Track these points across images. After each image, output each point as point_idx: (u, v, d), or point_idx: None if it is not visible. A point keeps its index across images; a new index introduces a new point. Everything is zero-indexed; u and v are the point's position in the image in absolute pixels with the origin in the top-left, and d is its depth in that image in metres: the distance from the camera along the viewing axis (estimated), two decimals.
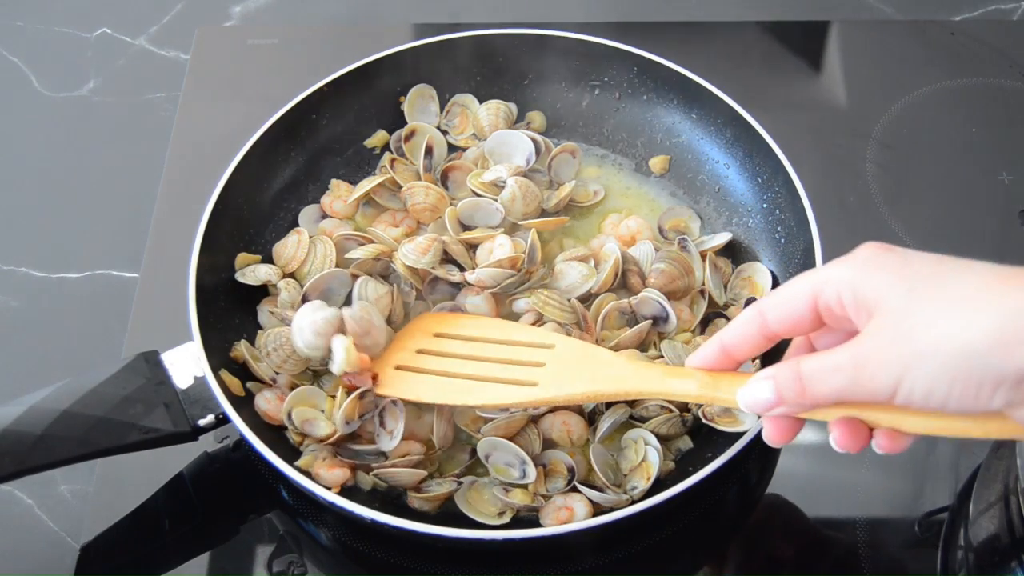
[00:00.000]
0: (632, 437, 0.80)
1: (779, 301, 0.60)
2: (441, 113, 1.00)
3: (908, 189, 1.03)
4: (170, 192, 1.02)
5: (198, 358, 0.78)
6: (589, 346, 0.74)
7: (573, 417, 0.81)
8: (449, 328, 0.79)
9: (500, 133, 0.96)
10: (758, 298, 0.86)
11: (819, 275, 0.58)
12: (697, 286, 0.88)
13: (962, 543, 0.78)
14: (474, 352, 0.77)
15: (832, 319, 0.58)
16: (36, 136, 1.10)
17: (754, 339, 0.62)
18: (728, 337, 0.63)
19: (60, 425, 0.72)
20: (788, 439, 0.62)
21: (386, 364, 0.78)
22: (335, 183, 0.96)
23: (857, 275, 0.56)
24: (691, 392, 0.65)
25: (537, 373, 0.73)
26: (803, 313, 0.58)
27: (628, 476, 0.79)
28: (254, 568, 0.80)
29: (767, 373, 0.59)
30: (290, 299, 0.86)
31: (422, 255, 0.85)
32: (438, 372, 0.76)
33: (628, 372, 0.69)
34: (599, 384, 0.70)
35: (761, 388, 0.59)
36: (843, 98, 1.10)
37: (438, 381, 0.76)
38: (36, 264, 0.99)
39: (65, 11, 1.20)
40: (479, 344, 0.77)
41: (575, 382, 0.71)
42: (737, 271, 0.90)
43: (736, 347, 0.63)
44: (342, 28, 1.19)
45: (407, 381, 0.76)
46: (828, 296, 0.57)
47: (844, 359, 0.55)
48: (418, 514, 0.78)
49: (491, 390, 0.73)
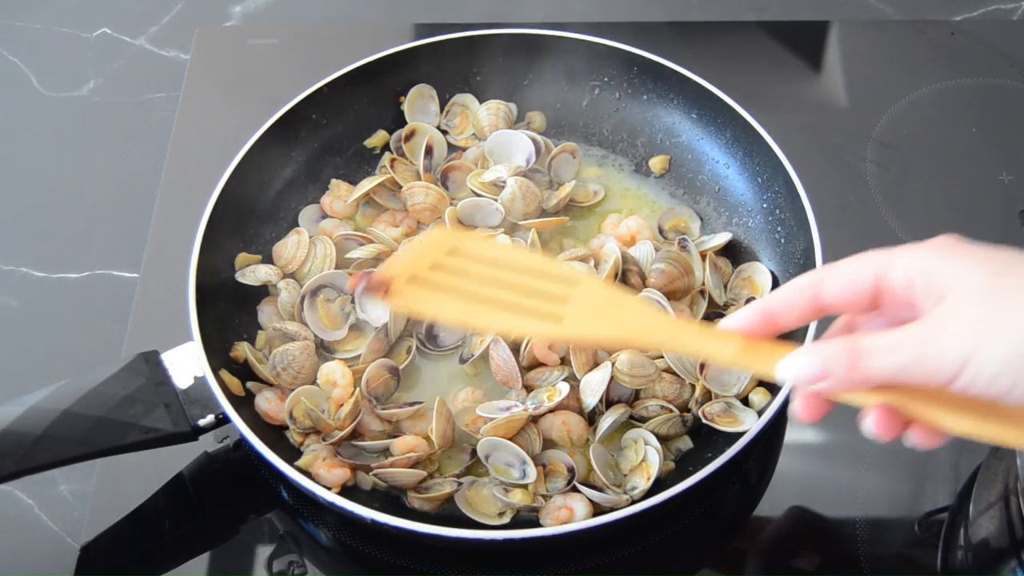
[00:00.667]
0: (632, 437, 0.81)
1: (840, 274, 0.57)
2: (441, 113, 1.00)
3: (908, 189, 1.03)
4: (170, 192, 1.02)
5: (198, 358, 0.78)
6: (619, 291, 0.67)
7: (573, 417, 0.81)
8: (468, 246, 0.70)
9: (500, 133, 0.96)
10: (758, 298, 0.86)
11: (888, 255, 0.56)
12: (697, 286, 0.88)
13: (962, 543, 0.78)
14: (494, 276, 0.68)
15: (891, 302, 0.56)
16: (36, 136, 1.10)
17: (802, 308, 0.59)
18: (774, 303, 0.59)
19: (60, 425, 0.72)
20: (818, 418, 0.60)
21: (400, 274, 0.68)
22: (335, 183, 0.96)
23: (932, 259, 0.54)
24: (726, 355, 0.60)
25: (561, 309, 0.65)
26: (863, 290, 0.56)
27: (628, 476, 0.79)
28: (254, 568, 0.80)
29: (813, 347, 0.56)
30: (290, 299, 0.86)
31: None
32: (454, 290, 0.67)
33: (660, 324, 0.63)
34: (627, 330, 0.63)
35: (806, 360, 0.56)
36: (843, 98, 1.10)
37: (455, 300, 0.67)
38: (36, 264, 0.99)
39: (65, 11, 1.20)
40: (500, 270, 0.68)
41: (602, 323, 0.64)
42: (737, 271, 0.90)
43: (781, 314, 0.59)
44: (342, 28, 1.19)
45: (422, 296, 0.67)
46: (895, 277, 0.55)
47: (909, 335, 0.53)
48: (418, 514, 0.78)
49: (511, 317, 0.66)
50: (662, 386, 0.82)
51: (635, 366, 0.80)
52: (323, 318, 0.86)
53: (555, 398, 0.79)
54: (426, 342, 0.86)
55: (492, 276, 0.67)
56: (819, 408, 0.59)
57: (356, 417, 0.80)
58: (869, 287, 0.56)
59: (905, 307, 0.56)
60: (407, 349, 0.85)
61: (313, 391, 0.81)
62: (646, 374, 0.81)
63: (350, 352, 0.85)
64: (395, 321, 0.84)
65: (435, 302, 0.67)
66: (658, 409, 0.81)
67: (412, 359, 0.86)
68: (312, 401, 0.80)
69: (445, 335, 0.87)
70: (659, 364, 0.83)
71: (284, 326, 0.84)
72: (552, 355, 0.83)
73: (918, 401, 0.56)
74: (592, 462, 0.78)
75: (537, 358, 0.83)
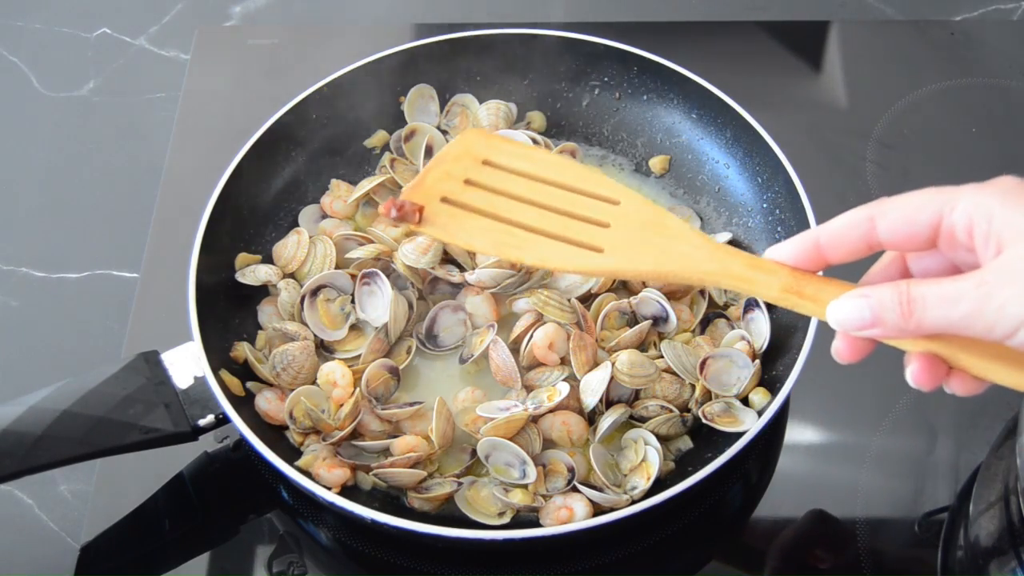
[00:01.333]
0: (632, 437, 0.80)
1: (898, 211, 0.55)
2: (441, 113, 1.00)
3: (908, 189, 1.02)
4: (170, 192, 1.02)
5: (198, 358, 0.78)
6: (660, 210, 0.63)
7: (573, 417, 0.81)
8: (502, 157, 0.66)
9: (500, 133, 0.96)
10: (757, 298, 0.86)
11: (949, 195, 0.54)
12: (697, 286, 0.88)
13: (962, 543, 0.78)
14: (530, 195, 0.64)
15: (948, 244, 0.54)
16: (36, 136, 1.10)
17: (854, 243, 0.56)
18: (826, 234, 0.57)
19: (60, 425, 0.72)
20: (859, 359, 0.58)
21: (431, 194, 0.64)
22: (335, 183, 0.96)
23: (994, 205, 0.52)
24: (772, 290, 0.58)
25: (602, 236, 0.62)
26: (921, 230, 0.54)
27: (628, 476, 0.79)
28: (254, 568, 0.80)
29: (865, 291, 0.54)
30: (290, 299, 0.86)
31: (422, 255, 0.85)
32: (489, 213, 0.63)
33: (704, 253, 0.60)
34: (670, 261, 0.60)
35: (859, 306, 0.54)
36: (843, 98, 1.10)
37: (491, 226, 0.63)
38: (36, 264, 0.99)
39: (65, 11, 1.20)
40: (536, 185, 0.64)
41: (643, 253, 0.61)
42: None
43: (832, 247, 0.57)
44: (342, 28, 1.19)
45: (456, 219, 0.63)
46: (955, 220, 0.53)
47: (966, 289, 0.51)
48: (418, 514, 0.78)
49: (551, 249, 0.62)
50: (662, 386, 0.82)
51: (635, 366, 0.80)
52: (323, 318, 0.86)
53: (555, 398, 0.79)
54: (426, 342, 0.86)
55: (528, 195, 0.64)
56: (861, 350, 0.58)
57: (356, 417, 0.80)
58: (927, 227, 0.54)
59: (965, 251, 0.54)
60: (407, 349, 0.85)
61: (313, 391, 0.81)
62: (646, 374, 0.81)
63: (350, 352, 0.85)
64: (395, 321, 0.84)
65: (469, 228, 0.63)
66: (658, 409, 0.81)
67: (412, 359, 0.86)
68: (312, 401, 0.80)
69: (445, 335, 0.87)
70: (659, 364, 0.83)
71: (284, 326, 0.84)
72: (552, 355, 0.83)
73: (966, 352, 0.54)
74: (592, 462, 0.78)
75: (537, 358, 0.83)
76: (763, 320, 0.84)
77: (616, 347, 0.83)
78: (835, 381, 0.89)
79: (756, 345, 0.83)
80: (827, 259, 0.58)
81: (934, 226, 0.54)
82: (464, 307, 0.86)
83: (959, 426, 0.86)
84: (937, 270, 0.57)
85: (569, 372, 0.82)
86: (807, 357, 0.77)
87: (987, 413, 0.86)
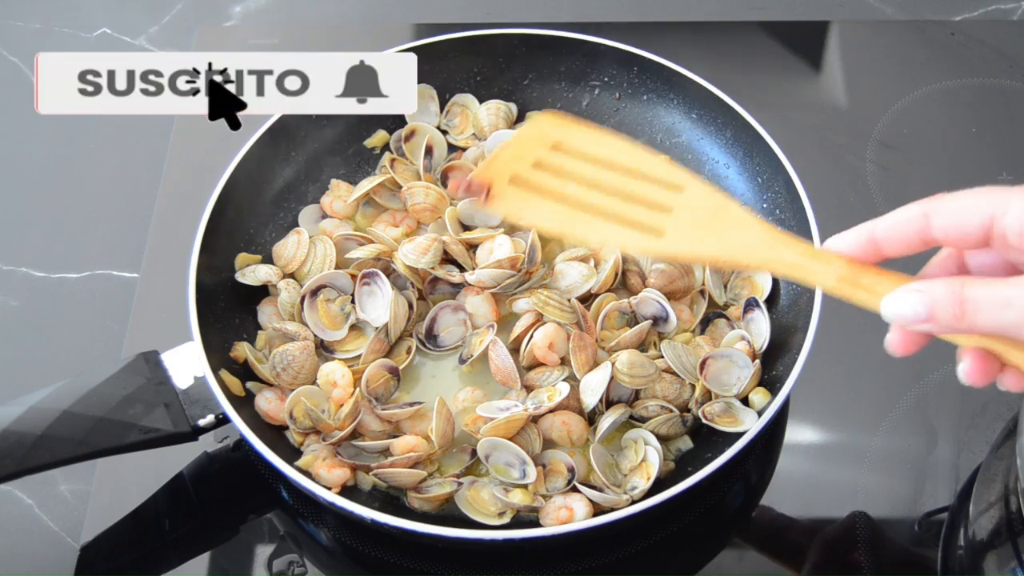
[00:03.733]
0: (632, 437, 0.81)
1: (951, 209, 0.56)
2: (441, 113, 1.00)
3: (908, 189, 1.03)
4: (170, 192, 1.02)
5: (198, 358, 0.78)
6: (723, 198, 0.64)
7: (573, 417, 0.81)
8: (573, 141, 0.68)
9: (500, 133, 0.96)
10: (758, 298, 0.86)
11: (1002, 195, 0.54)
12: (697, 286, 0.88)
13: (962, 543, 0.78)
14: (598, 178, 0.66)
15: (1002, 245, 0.55)
16: (36, 136, 1.10)
17: (909, 239, 0.57)
18: (882, 227, 0.58)
19: (60, 425, 0.72)
20: (912, 352, 0.58)
21: (501, 174, 0.66)
22: (335, 183, 0.96)
23: None
24: (828, 280, 0.59)
25: (664, 220, 0.64)
26: (973, 231, 0.55)
27: (628, 476, 0.79)
28: (254, 568, 0.80)
29: (920, 286, 0.55)
30: (290, 300, 0.86)
31: (422, 255, 0.85)
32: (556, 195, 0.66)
33: (764, 241, 0.61)
34: (730, 249, 0.62)
35: (913, 301, 0.54)
36: (843, 98, 1.10)
37: (556, 207, 0.65)
38: (36, 264, 0.99)
39: (65, 11, 1.20)
40: (603, 169, 0.66)
41: (704, 239, 0.63)
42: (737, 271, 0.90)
43: (888, 242, 0.58)
44: (342, 28, 1.19)
45: (523, 200, 0.66)
46: (1008, 224, 0.53)
47: (1018, 294, 0.52)
48: (418, 514, 0.78)
49: (614, 230, 0.64)
50: (662, 386, 0.82)
51: (635, 366, 0.80)
52: (323, 318, 0.86)
53: (555, 398, 0.79)
54: (426, 342, 0.86)
55: (595, 178, 0.66)
56: (915, 344, 0.58)
57: (356, 417, 0.80)
58: (979, 228, 0.54)
59: (1017, 252, 0.54)
60: (407, 349, 0.85)
61: (313, 391, 0.81)
62: (646, 374, 0.81)
63: (350, 352, 0.85)
64: (395, 321, 0.84)
65: (536, 208, 0.65)
66: (658, 409, 0.81)
67: (412, 359, 0.86)
68: (312, 401, 0.80)
69: (445, 335, 0.87)
70: (659, 364, 0.83)
71: (284, 326, 0.84)
72: (552, 355, 0.83)
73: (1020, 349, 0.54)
74: (592, 462, 0.78)
75: (537, 358, 0.83)
76: (763, 320, 0.84)
77: (616, 347, 0.83)
78: (835, 381, 0.89)
79: (756, 345, 0.83)
80: (883, 252, 0.58)
81: (986, 227, 0.54)
82: (464, 307, 0.86)
83: (959, 426, 0.86)
84: (994, 266, 0.57)
85: (569, 372, 0.82)
86: (807, 357, 0.77)
87: (987, 413, 0.86)
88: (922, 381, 0.89)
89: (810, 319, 0.79)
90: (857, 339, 0.91)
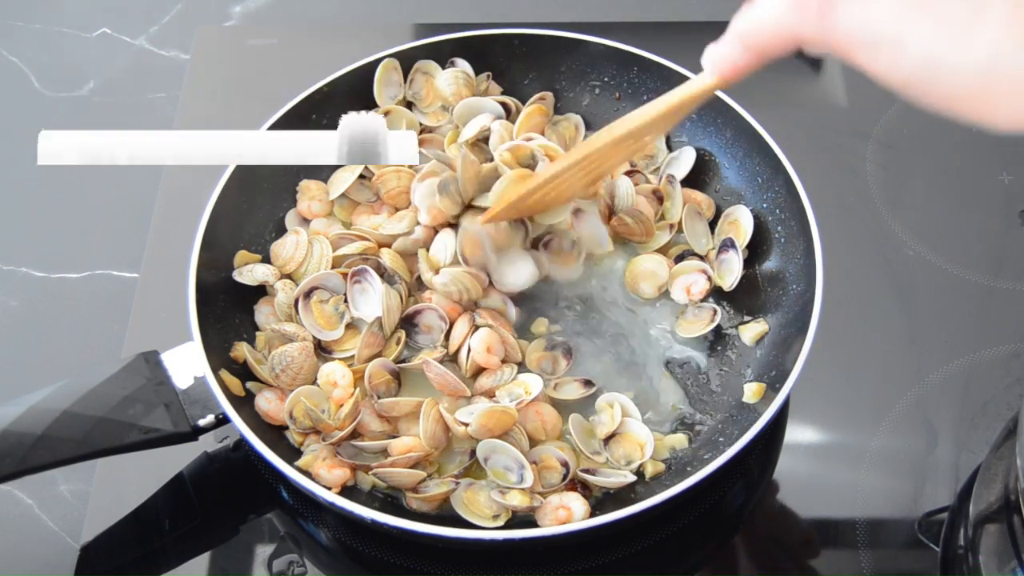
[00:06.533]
0: (607, 400, 0.82)
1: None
2: (405, 83, 0.99)
3: (908, 189, 1.03)
4: (170, 192, 1.02)
5: (198, 358, 0.78)
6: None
7: (545, 407, 0.82)
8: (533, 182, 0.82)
9: (467, 101, 0.95)
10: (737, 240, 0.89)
11: None
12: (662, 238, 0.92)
13: (962, 543, 0.78)
14: None
15: None
16: (36, 136, 1.10)
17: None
18: None
19: (60, 425, 0.72)
20: (730, 77, 0.66)
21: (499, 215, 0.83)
22: (304, 184, 0.94)
23: None
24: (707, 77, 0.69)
25: None
26: None
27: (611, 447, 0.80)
28: (254, 568, 0.80)
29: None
30: (287, 300, 0.86)
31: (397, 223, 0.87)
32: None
33: (656, 106, 0.74)
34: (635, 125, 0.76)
35: None
36: (843, 98, 1.10)
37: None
38: (36, 264, 0.99)
39: (65, 11, 1.20)
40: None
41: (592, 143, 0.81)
42: (724, 214, 0.93)
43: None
44: (342, 28, 1.19)
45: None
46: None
47: None
48: (418, 514, 0.78)
49: None
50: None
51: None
52: (318, 319, 0.85)
53: (532, 391, 0.80)
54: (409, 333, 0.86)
55: None
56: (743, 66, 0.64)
57: (356, 417, 0.80)
58: None
59: None
60: (397, 340, 0.85)
61: (313, 391, 0.81)
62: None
63: (348, 351, 0.85)
64: (388, 314, 0.84)
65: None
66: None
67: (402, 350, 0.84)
68: (312, 401, 0.80)
69: (422, 336, 0.86)
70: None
71: (282, 327, 0.84)
72: (492, 358, 0.83)
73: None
74: (570, 430, 0.79)
75: (480, 364, 0.83)
76: (736, 260, 0.88)
77: None
78: (835, 381, 0.89)
79: (726, 283, 0.88)
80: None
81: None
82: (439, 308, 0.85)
83: (959, 426, 0.86)
84: None
85: (517, 368, 0.83)
86: (807, 357, 0.77)
87: (987, 413, 0.86)
88: (922, 381, 0.89)
89: (810, 319, 0.79)
90: (857, 339, 0.91)
